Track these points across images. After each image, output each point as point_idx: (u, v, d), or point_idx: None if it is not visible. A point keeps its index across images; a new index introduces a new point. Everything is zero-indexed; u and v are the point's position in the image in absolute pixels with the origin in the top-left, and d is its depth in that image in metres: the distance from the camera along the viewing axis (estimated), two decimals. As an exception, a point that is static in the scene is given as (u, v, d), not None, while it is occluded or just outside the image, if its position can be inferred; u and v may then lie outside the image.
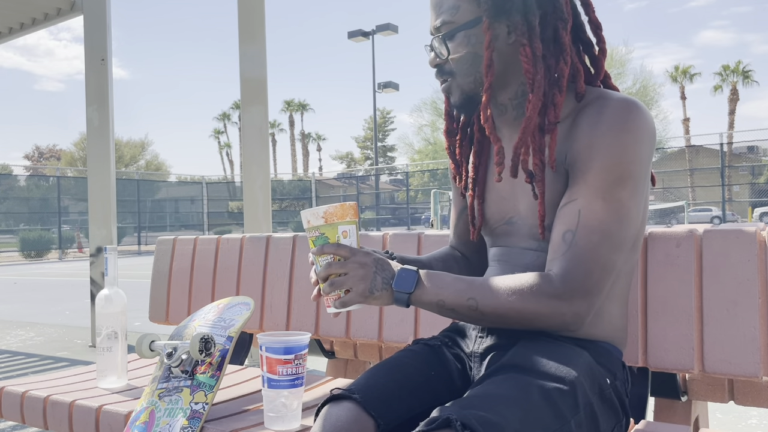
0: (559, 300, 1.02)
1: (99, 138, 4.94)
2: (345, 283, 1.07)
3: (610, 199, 1.04)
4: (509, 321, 1.05)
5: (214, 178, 43.63)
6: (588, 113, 1.09)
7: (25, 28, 6.10)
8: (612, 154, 1.04)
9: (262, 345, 1.27)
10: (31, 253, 21.28)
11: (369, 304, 1.08)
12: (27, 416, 1.66)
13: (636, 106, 1.07)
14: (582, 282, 1.02)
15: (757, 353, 1.29)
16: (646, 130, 1.06)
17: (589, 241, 1.03)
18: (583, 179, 1.06)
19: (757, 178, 32.21)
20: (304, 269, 1.98)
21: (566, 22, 1.11)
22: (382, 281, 1.07)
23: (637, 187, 1.06)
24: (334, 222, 1.12)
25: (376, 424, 0.99)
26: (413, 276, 1.08)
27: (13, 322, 6.63)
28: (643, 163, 1.06)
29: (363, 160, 56.81)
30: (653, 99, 36.25)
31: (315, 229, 1.13)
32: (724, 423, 2.80)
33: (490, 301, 1.04)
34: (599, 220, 1.03)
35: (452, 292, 1.06)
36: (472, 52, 1.13)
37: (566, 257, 1.03)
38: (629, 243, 1.07)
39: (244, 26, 4.35)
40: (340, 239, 1.12)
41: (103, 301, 1.66)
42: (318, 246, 1.12)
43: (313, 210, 1.13)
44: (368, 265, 1.08)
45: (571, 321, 1.03)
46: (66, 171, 34.68)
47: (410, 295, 1.07)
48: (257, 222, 4.29)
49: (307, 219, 1.14)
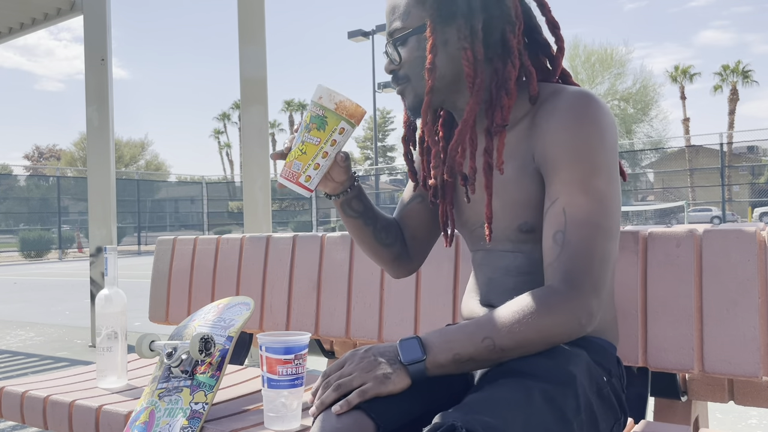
0: (570, 303, 1.00)
1: (99, 138, 4.94)
2: (354, 381, 1.00)
3: (590, 190, 1.03)
4: (531, 346, 1.01)
5: (214, 178, 43.66)
6: (545, 110, 1.09)
7: (25, 28, 6.11)
8: (579, 147, 1.04)
9: (262, 345, 1.27)
10: (31, 253, 21.29)
11: (388, 391, 0.99)
12: (27, 416, 1.66)
13: (590, 96, 1.07)
14: (585, 278, 1.01)
15: (757, 353, 1.29)
16: (604, 119, 1.06)
17: (581, 236, 1.02)
18: (558, 177, 1.05)
19: (757, 178, 32.23)
20: (304, 269, 1.98)
21: (514, 25, 1.11)
22: (389, 361, 1.02)
23: (611, 175, 1.05)
24: (342, 115, 1.11)
25: (376, 427, 0.98)
26: (415, 342, 1.03)
27: (13, 322, 6.64)
28: (610, 151, 1.06)
29: (363, 160, 56.82)
30: (653, 99, 36.28)
31: (322, 108, 1.11)
32: (724, 423, 2.80)
33: (506, 333, 1.00)
34: (586, 213, 1.03)
35: (464, 341, 1.01)
36: (423, 57, 1.13)
37: (563, 258, 1.02)
38: (617, 231, 1.07)
39: (244, 26, 4.35)
40: (335, 131, 1.11)
41: (103, 301, 1.66)
42: None
43: (332, 92, 1.11)
44: (366, 354, 1.03)
45: (586, 321, 1.01)
46: (66, 171, 34.71)
47: (425, 362, 1.01)
48: (257, 222, 4.29)
49: (321, 95, 1.12)
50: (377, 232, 1.33)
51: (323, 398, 1.01)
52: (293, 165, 1.13)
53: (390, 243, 1.35)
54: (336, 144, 1.13)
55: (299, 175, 1.13)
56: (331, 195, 1.26)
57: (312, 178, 1.13)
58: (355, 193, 1.27)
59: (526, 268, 1.13)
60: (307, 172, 1.13)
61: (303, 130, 1.13)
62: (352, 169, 1.24)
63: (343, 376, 1.02)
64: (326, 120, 1.11)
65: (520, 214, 1.12)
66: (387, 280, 1.83)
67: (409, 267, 1.40)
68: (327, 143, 1.12)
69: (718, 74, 40.39)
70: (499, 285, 1.17)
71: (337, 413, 0.97)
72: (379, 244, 1.34)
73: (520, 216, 1.12)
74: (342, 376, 1.02)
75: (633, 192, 32.36)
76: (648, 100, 36.04)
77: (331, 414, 0.99)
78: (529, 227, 1.12)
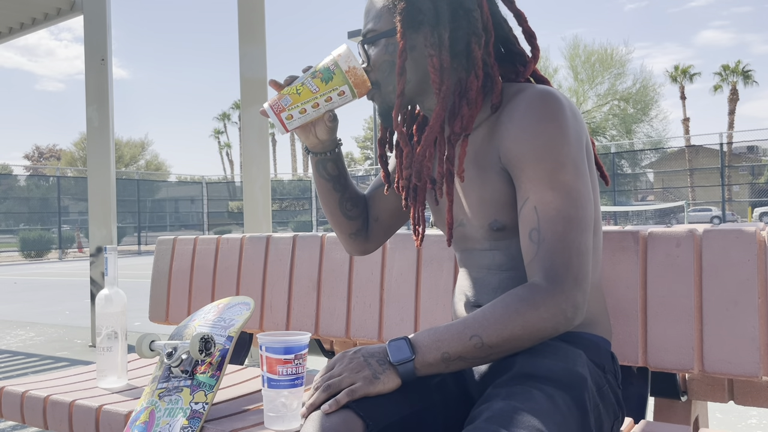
0: (554, 297, 1.01)
1: (99, 138, 4.94)
2: (343, 381, 1.01)
3: (558, 186, 1.04)
4: (517, 343, 1.02)
5: (214, 178, 43.65)
6: (508, 109, 1.11)
7: (25, 28, 6.11)
8: (541, 144, 1.05)
9: (262, 345, 1.27)
10: (31, 253, 21.29)
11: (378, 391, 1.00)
12: (27, 416, 1.66)
13: (550, 93, 1.08)
14: (565, 272, 1.02)
15: (757, 353, 1.29)
16: (564, 115, 1.07)
17: (554, 232, 1.03)
18: (525, 177, 1.07)
19: (757, 178, 32.23)
20: (304, 269, 1.98)
21: (480, 37, 1.12)
22: (378, 362, 1.02)
23: (578, 169, 1.06)
24: (349, 80, 1.13)
25: (365, 425, 0.97)
26: (404, 342, 1.04)
27: (13, 322, 6.64)
28: (574, 145, 1.06)
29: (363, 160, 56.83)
30: (653, 99, 36.21)
31: (335, 63, 1.13)
32: (724, 423, 2.80)
33: (494, 330, 1.01)
34: (556, 209, 1.04)
35: (452, 339, 1.02)
36: (390, 61, 1.16)
37: (541, 255, 1.03)
38: (591, 222, 1.07)
39: (244, 26, 4.35)
40: (335, 90, 1.14)
41: (103, 301, 1.66)
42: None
43: (350, 56, 1.13)
44: (356, 355, 1.04)
45: (572, 314, 1.02)
46: (66, 171, 34.69)
47: (414, 361, 1.02)
48: (257, 222, 4.29)
49: (340, 53, 1.14)
50: (343, 201, 1.36)
51: (313, 399, 1.02)
52: (283, 99, 1.15)
53: (353, 216, 1.38)
54: (330, 101, 1.15)
55: (283, 110, 1.15)
56: (309, 150, 1.28)
57: (293, 118, 1.16)
58: (334, 157, 1.30)
59: (507, 265, 1.15)
60: (291, 111, 1.15)
61: (308, 75, 1.15)
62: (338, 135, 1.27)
63: (332, 377, 1.02)
64: (333, 76, 1.13)
65: (490, 213, 1.13)
66: (387, 280, 1.83)
67: (364, 246, 1.43)
68: (322, 97, 1.14)
69: (718, 74, 40.41)
70: (485, 284, 1.18)
71: (326, 412, 0.98)
72: (341, 213, 1.37)
73: (490, 215, 1.13)
74: (332, 377, 1.03)
75: (633, 192, 32.37)
76: (648, 100, 36.00)
77: (320, 414, 0.99)
78: (500, 225, 1.13)
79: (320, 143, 1.26)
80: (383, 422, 1.00)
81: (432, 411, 1.08)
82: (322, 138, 1.24)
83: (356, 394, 0.99)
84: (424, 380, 1.07)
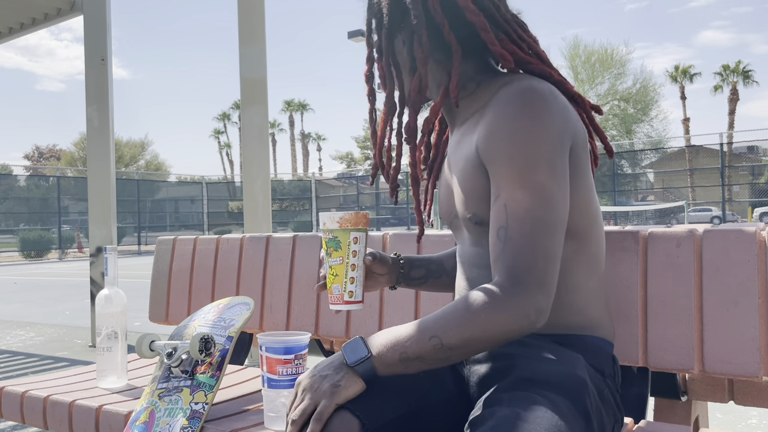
0: (516, 299, 0.97)
1: (99, 138, 4.94)
2: (307, 407, 0.99)
3: (529, 185, 1.01)
4: (478, 345, 0.99)
5: (214, 178, 43.67)
6: (491, 103, 1.09)
7: (25, 28, 6.11)
8: (515, 142, 1.02)
9: (262, 345, 1.27)
10: (31, 253, 21.29)
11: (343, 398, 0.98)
12: (27, 416, 1.66)
13: (532, 90, 1.05)
14: (529, 274, 0.98)
15: (757, 353, 1.29)
16: (544, 111, 1.03)
17: (522, 232, 1.00)
18: (498, 173, 1.04)
19: (757, 178, 32.22)
20: (304, 269, 1.98)
21: (421, 35, 1.14)
22: (334, 370, 1.01)
23: (555, 169, 1.02)
24: (347, 228, 1.20)
25: (361, 424, 0.97)
26: (358, 341, 1.02)
27: (13, 322, 6.64)
28: (552, 144, 1.03)
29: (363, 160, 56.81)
30: (653, 99, 36.24)
31: (330, 231, 1.21)
32: (724, 423, 2.80)
33: (453, 332, 0.97)
34: (526, 209, 1.01)
35: (410, 339, 0.99)
36: None
37: (505, 254, 1.00)
38: (563, 225, 1.03)
39: (244, 26, 4.35)
40: (351, 244, 1.20)
41: (103, 301, 1.66)
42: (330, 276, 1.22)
43: (331, 214, 1.21)
44: (312, 374, 1.03)
45: (535, 317, 0.98)
46: (66, 171, 34.69)
47: (371, 358, 1.00)
48: (257, 222, 4.29)
49: (324, 221, 1.22)
50: (453, 278, 1.39)
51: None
52: (334, 290, 1.22)
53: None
54: (357, 253, 1.21)
55: (342, 296, 1.21)
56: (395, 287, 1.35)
57: (354, 292, 1.22)
58: (408, 268, 1.35)
59: None
60: (347, 290, 1.21)
61: (326, 257, 1.23)
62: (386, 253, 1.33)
63: (297, 407, 1.00)
64: (338, 239, 1.20)
65: (470, 206, 1.12)
66: (387, 280, 1.83)
67: None
68: (349, 257, 1.21)
69: (718, 74, 40.40)
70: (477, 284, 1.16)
71: None
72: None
73: (470, 208, 1.12)
74: (296, 407, 1.01)
75: (633, 192, 32.35)
76: (648, 100, 36.01)
77: None
78: (478, 219, 1.11)
79: (388, 276, 1.32)
80: (379, 421, 0.99)
81: (430, 411, 1.07)
82: (384, 271, 1.31)
83: (324, 415, 0.97)
84: (421, 380, 1.07)
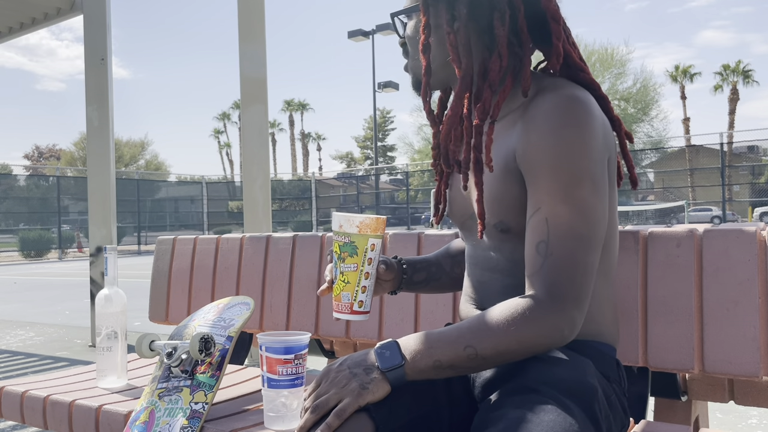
0: (553, 314, 0.98)
1: (99, 138, 4.93)
2: (330, 399, 0.97)
3: (572, 201, 0.99)
4: (512, 355, 0.99)
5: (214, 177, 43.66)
6: (531, 109, 1.04)
7: (25, 28, 6.10)
8: (559, 154, 0.99)
9: (262, 345, 1.27)
10: (31, 253, 21.28)
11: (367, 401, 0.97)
12: (27, 416, 1.66)
13: (578, 100, 1.01)
14: (568, 290, 0.98)
15: (757, 353, 1.29)
16: (589, 125, 1.00)
17: (564, 248, 0.99)
18: (540, 185, 1.01)
19: (757, 177, 32.22)
20: (304, 269, 1.98)
21: (504, 13, 1.05)
22: (365, 370, 0.99)
23: (596, 185, 1.01)
24: (367, 233, 1.13)
25: (375, 426, 0.96)
26: (394, 347, 1.00)
27: (13, 322, 6.63)
28: (596, 159, 1.01)
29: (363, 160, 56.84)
30: (653, 99, 36.21)
31: (346, 235, 1.13)
32: (724, 423, 2.80)
33: (489, 342, 0.97)
34: (568, 225, 0.99)
35: (445, 347, 0.98)
36: (418, 37, 1.15)
37: (545, 269, 0.99)
38: (601, 241, 1.03)
39: (244, 26, 4.35)
40: (368, 251, 1.13)
41: (103, 300, 1.66)
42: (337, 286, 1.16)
43: (349, 216, 1.13)
44: (341, 368, 1.00)
45: (569, 332, 0.99)
46: (66, 171, 34.69)
47: (404, 367, 0.98)
48: (257, 222, 4.29)
49: (340, 223, 1.14)
50: (452, 278, 1.38)
51: (303, 422, 0.98)
52: (343, 297, 1.15)
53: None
54: (372, 261, 1.15)
55: (351, 305, 1.15)
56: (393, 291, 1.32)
57: (364, 301, 1.16)
58: (411, 272, 1.32)
59: (509, 270, 1.11)
60: (357, 299, 1.15)
61: (337, 261, 1.15)
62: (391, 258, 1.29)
63: (319, 396, 0.99)
64: (355, 244, 1.13)
65: (498, 212, 1.09)
66: (387, 280, 1.83)
67: None
68: (364, 264, 1.14)
69: (719, 74, 40.40)
70: (489, 287, 1.15)
71: None
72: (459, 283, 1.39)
73: (497, 214, 1.09)
74: (318, 396, 0.99)
75: (633, 192, 32.34)
76: (648, 100, 35.99)
77: None
78: (505, 227, 1.09)
79: (392, 282, 1.29)
80: (393, 423, 0.99)
81: (439, 411, 1.07)
82: (390, 278, 1.28)
83: (346, 413, 0.95)
84: (432, 381, 1.06)
